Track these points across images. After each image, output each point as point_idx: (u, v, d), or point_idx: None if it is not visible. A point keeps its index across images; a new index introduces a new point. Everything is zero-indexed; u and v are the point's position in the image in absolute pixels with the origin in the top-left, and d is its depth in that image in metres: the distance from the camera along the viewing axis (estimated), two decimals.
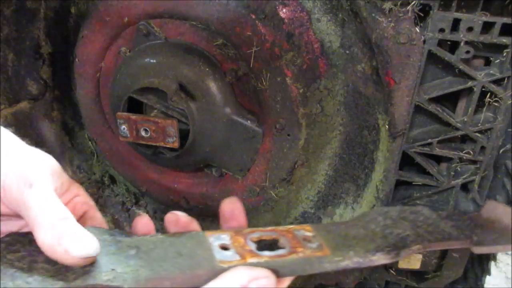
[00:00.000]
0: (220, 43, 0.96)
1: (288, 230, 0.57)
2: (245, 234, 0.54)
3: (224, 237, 0.54)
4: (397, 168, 0.91)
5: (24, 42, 1.11)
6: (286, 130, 1.00)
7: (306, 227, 0.58)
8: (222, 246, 0.52)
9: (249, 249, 0.52)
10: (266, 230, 0.56)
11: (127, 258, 0.50)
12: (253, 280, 0.46)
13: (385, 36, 0.78)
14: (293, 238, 0.55)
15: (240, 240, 0.53)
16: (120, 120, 0.97)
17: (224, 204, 0.60)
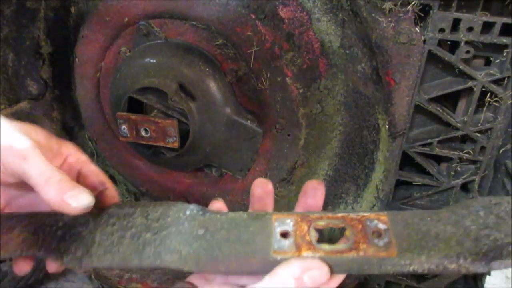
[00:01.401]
0: (220, 43, 0.96)
1: (360, 219, 0.51)
2: (311, 220, 0.51)
3: (288, 222, 0.51)
4: (397, 168, 0.91)
5: (24, 42, 1.11)
6: (286, 130, 1.00)
7: (382, 217, 0.51)
8: (283, 233, 0.50)
9: (308, 240, 0.49)
10: (336, 217, 0.51)
11: (194, 238, 0.52)
12: (306, 271, 0.46)
13: (385, 36, 0.78)
14: (361, 231, 0.49)
15: (303, 227, 0.50)
16: (120, 120, 0.97)
17: (255, 186, 0.58)
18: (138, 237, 0.54)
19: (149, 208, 0.57)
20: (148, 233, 0.54)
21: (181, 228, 0.53)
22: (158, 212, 0.56)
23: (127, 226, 0.55)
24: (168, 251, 0.52)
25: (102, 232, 0.55)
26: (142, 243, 0.53)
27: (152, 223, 0.55)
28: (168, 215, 0.55)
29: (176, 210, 0.55)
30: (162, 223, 0.54)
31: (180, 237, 0.52)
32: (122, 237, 0.54)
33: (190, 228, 0.53)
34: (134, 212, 0.57)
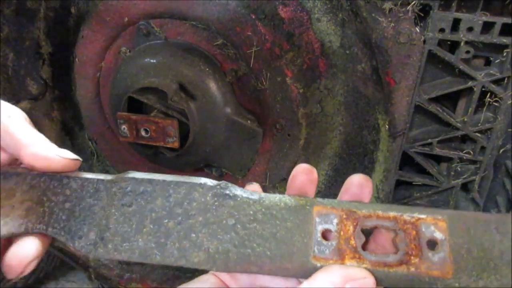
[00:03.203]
0: (220, 43, 0.96)
1: (415, 222, 0.43)
2: (358, 218, 0.44)
3: (332, 219, 0.44)
4: (397, 168, 0.91)
5: (24, 42, 1.11)
6: (286, 130, 1.00)
7: (440, 222, 0.43)
8: (324, 233, 0.44)
9: (353, 246, 0.43)
10: (387, 217, 0.44)
11: (223, 230, 0.45)
12: (349, 280, 0.41)
13: (385, 36, 0.78)
14: (414, 239, 0.42)
15: (349, 228, 0.43)
16: (120, 120, 0.97)
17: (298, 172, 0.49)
18: (159, 225, 0.47)
19: (171, 187, 0.48)
20: (171, 221, 0.47)
21: (208, 217, 0.46)
22: (181, 193, 0.48)
23: (146, 209, 0.48)
24: (194, 247, 0.45)
25: (118, 214, 0.48)
26: (164, 234, 0.46)
27: (174, 208, 0.47)
28: (193, 199, 0.47)
29: (201, 193, 0.47)
30: (186, 209, 0.47)
31: (207, 229, 0.46)
32: (142, 224, 0.47)
33: (218, 216, 0.46)
34: (154, 190, 0.48)
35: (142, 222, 0.47)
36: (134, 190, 0.49)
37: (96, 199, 0.49)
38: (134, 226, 0.47)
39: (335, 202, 0.45)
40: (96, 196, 0.49)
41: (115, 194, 0.49)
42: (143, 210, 0.48)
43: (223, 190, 0.47)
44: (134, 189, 0.49)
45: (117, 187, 0.49)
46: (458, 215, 0.43)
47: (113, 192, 0.49)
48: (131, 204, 0.48)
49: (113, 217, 0.48)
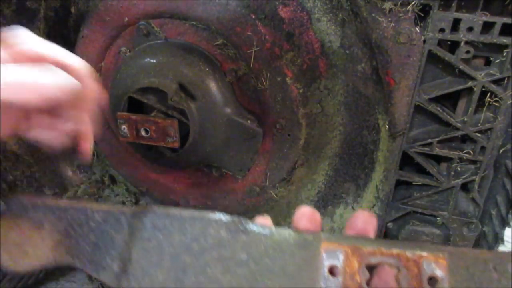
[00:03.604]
0: (220, 43, 0.96)
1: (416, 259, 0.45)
2: (363, 255, 0.45)
3: (338, 255, 0.45)
4: (397, 168, 0.91)
5: None
6: (286, 130, 1.00)
7: (441, 260, 0.45)
8: (331, 269, 0.45)
9: (358, 282, 0.44)
10: (390, 254, 0.45)
11: (236, 264, 0.47)
12: None
13: (385, 36, 0.78)
14: (416, 276, 0.44)
15: (354, 264, 0.45)
16: (120, 120, 0.97)
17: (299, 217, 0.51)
18: (177, 260, 0.49)
19: (187, 223, 0.50)
20: (188, 256, 0.49)
21: (222, 252, 0.48)
22: (197, 228, 0.50)
23: (165, 244, 0.50)
24: (210, 282, 0.47)
25: (138, 247, 0.50)
26: (182, 268, 0.49)
27: (191, 243, 0.49)
28: (209, 234, 0.49)
29: (216, 228, 0.49)
30: (202, 245, 0.49)
31: (221, 264, 0.48)
32: (161, 258, 0.49)
33: (231, 252, 0.48)
34: (172, 225, 0.51)
35: (161, 257, 0.49)
36: (153, 224, 0.51)
37: (118, 232, 0.51)
38: (153, 260, 0.49)
39: (341, 238, 0.47)
40: (118, 228, 0.52)
41: (136, 228, 0.51)
42: (162, 245, 0.50)
43: (236, 225, 0.49)
44: (153, 224, 0.51)
45: (137, 221, 0.51)
46: (457, 253, 0.45)
47: (134, 225, 0.51)
48: (151, 238, 0.50)
49: (134, 251, 0.50)
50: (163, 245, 0.50)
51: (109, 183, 1.34)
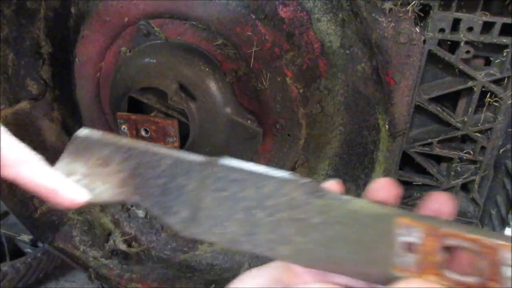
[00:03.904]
0: (220, 43, 0.96)
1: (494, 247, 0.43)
2: (442, 235, 0.43)
3: (415, 233, 0.43)
4: (397, 168, 0.91)
5: (24, 42, 1.11)
6: (286, 130, 1.00)
7: None
8: (406, 245, 0.43)
9: (435, 262, 0.42)
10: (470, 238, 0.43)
11: (308, 227, 0.46)
12: None
13: (385, 36, 0.78)
14: (493, 264, 0.42)
15: (432, 244, 0.43)
16: (120, 120, 0.97)
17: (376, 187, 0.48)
18: (250, 214, 0.47)
19: (262, 179, 0.48)
20: (261, 212, 0.47)
21: (296, 213, 0.47)
22: (272, 186, 0.48)
23: (238, 196, 0.48)
24: (282, 241, 0.46)
25: (210, 197, 0.49)
26: (254, 224, 0.47)
27: (265, 200, 0.48)
28: (283, 193, 0.48)
29: (291, 188, 0.48)
30: (276, 203, 0.47)
31: (294, 224, 0.46)
32: (232, 210, 0.48)
33: (305, 213, 0.46)
34: (245, 179, 0.49)
35: (233, 209, 0.48)
36: (226, 176, 0.49)
37: (188, 180, 0.50)
38: (225, 212, 0.48)
39: (418, 216, 0.45)
40: (189, 176, 0.50)
41: (207, 177, 0.50)
42: (234, 197, 0.48)
43: (312, 188, 0.47)
44: (226, 175, 0.50)
45: (210, 171, 0.50)
46: None
47: (205, 175, 0.50)
48: (223, 189, 0.49)
49: (205, 200, 0.49)
50: (236, 197, 0.48)
51: None
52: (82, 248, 1.26)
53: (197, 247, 1.27)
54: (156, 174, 0.50)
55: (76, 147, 0.53)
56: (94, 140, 0.53)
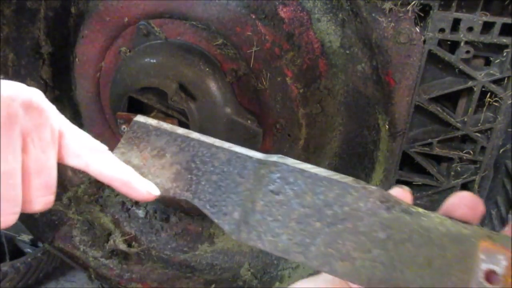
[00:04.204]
0: (220, 43, 0.96)
1: None
2: None
3: (499, 259, 0.37)
4: (397, 168, 0.91)
5: (24, 42, 1.11)
6: (286, 130, 1.00)
7: None
8: (489, 274, 0.38)
9: None
10: None
11: (372, 243, 0.40)
12: None
13: (385, 36, 0.78)
14: None
15: None
16: (120, 120, 0.97)
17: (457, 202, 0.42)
18: (306, 223, 0.43)
19: (323, 184, 0.43)
20: (318, 222, 0.43)
21: (358, 225, 0.42)
22: (333, 193, 0.43)
23: (294, 202, 0.44)
24: (340, 256, 0.41)
25: (264, 200, 0.45)
26: (311, 234, 0.43)
27: (324, 208, 0.43)
28: (345, 203, 0.42)
29: (356, 197, 0.42)
30: (336, 212, 0.42)
31: (356, 238, 0.41)
32: (288, 217, 0.44)
33: (369, 227, 0.41)
34: (304, 183, 0.44)
35: (289, 215, 0.44)
36: (283, 177, 0.45)
37: (243, 177, 0.46)
38: (279, 218, 0.44)
39: (504, 238, 0.39)
40: (243, 174, 0.47)
41: (263, 177, 0.45)
42: (290, 202, 0.44)
43: (379, 197, 0.42)
44: (283, 177, 0.45)
45: (265, 170, 0.46)
46: None
47: (261, 174, 0.46)
48: (279, 192, 0.45)
49: (259, 202, 0.45)
50: (291, 202, 0.44)
51: None
52: (82, 248, 1.26)
53: (197, 247, 1.27)
54: (210, 170, 0.48)
55: (132, 135, 0.52)
56: (150, 128, 0.51)
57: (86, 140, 0.46)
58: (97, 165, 0.46)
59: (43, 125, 0.42)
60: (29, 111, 0.40)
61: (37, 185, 0.42)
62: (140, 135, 0.51)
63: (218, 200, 0.47)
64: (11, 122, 0.38)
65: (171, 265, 1.27)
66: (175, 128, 0.51)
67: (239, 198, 0.46)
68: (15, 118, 0.39)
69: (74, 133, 0.46)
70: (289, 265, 1.15)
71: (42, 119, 0.42)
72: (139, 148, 0.51)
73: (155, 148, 0.50)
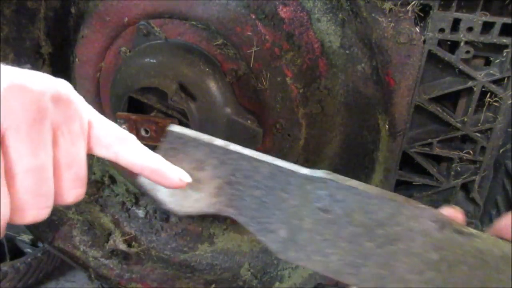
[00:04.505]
0: (220, 43, 0.96)
1: None
2: None
3: None
4: (397, 168, 0.91)
5: (24, 42, 1.11)
6: (286, 130, 1.00)
7: None
8: None
9: None
10: None
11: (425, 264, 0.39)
12: None
13: (385, 36, 0.78)
14: None
15: None
16: (120, 120, 0.97)
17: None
18: (357, 243, 0.41)
19: (374, 202, 0.42)
20: (370, 242, 0.41)
21: (411, 246, 0.40)
22: (385, 212, 0.41)
23: (343, 221, 0.42)
24: (394, 278, 0.40)
25: (312, 218, 0.43)
26: (362, 255, 0.41)
27: (375, 228, 0.41)
28: (397, 222, 0.41)
29: (407, 217, 0.41)
30: (388, 232, 0.41)
31: (408, 259, 0.40)
32: (337, 236, 0.42)
33: (421, 247, 0.40)
34: (354, 201, 0.42)
35: (338, 235, 0.42)
36: (331, 195, 0.43)
37: (287, 193, 0.44)
38: (329, 237, 0.42)
39: None
40: (287, 190, 0.44)
41: (309, 193, 0.43)
42: (340, 221, 0.42)
43: (431, 217, 0.41)
44: (331, 194, 0.43)
45: (311, 186, 0.44)
46: None
47: (307, 190, 0.44)
48: (328, 210, 0.43)
49: (306, 220, 0.43)
50: (341, 220, 0.42)
51: (109, 183, 1.34)
52: (82, 248, 1.25)
53: (197, 247, 1.27)
54: (253, 184, 0.45)
55: (169, 146, 0.49)
56: (187, 139, 0.49)
57: (114, 130, 0.45)
58: (127, 154, 0.45)
59: (72, 117, 0.41)
60: (59, 104, 0.39)
61: (68, 178, 0.41)
62: (177, 146, 0.49)
63: (263, 217, 0.45)
64: (42, 117, 0.37)
65: (171, 265, 1.27)
66: (213, 139, 0.48)
67: (285, 215, 0.44)
68: (45, 112, 0.37)
69: (103, 123, 0.45)
70: (289, 265, 1.15)
71: (71, 111, 0.41)
72: (177, 159, 0.48)
73: (194, 161, 0.47)
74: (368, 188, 0.42)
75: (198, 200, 0.46)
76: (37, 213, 0.39)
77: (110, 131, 0.45)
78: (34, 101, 0.37)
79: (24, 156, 0.36)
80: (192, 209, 0.46)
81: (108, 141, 0.44)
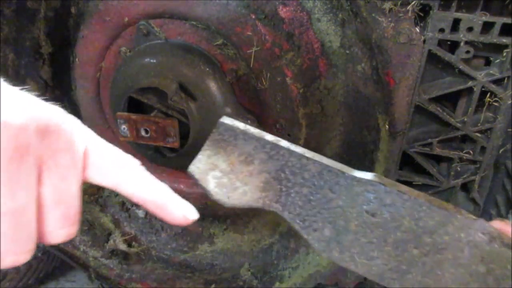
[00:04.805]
0: (220, 43, 0.96)
1: None
2: None
3: None
4: (397, 168, 0.91)
5: (24, 42, 1.11)
6: (286, 130, 1.00)
7: None
8: None
9: None
10: None
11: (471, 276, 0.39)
12: None
13: (385, 36, 0.78)
14: None
15: None
16: (120, 120, 0.97)
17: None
18: (403, 249, 0.41)
19: (423, 209, 0.41)
20: (416, 249, 0.41)
21: (459, 257, 0.40)
22: (434, 220, 0.41)
23: (391, 225, 0.42)
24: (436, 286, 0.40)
25: (359, 219, 0.43)
26: (407, 261, 0.41)
27: (423, 235, 0.41)
28: (446, 232, 0.41)
29: (457, 227, 0.41)
30: (436, 241, 0.41)
31: (455, 271, 0.40)
32: (383, 240, 0.42)
33: (469, 259, 0.40)
34: (402, 206, 0.42)
35: (384, 239, 0.42)
36: (379, 198, 0.43)
37: (334, 193, 0.44)
38: (375, 240, 0.42)
39: None
40: (335, 190, 0.44)
41: (357, 195, 0.44)
42: (387, 226, 0.42)
43: (480, 229, 0.40)
44: (379, 198, 0.43)
45: (360, 188, 0.44)
46: None
47: (354, 192, 0.44)
48: (375, 214, 0.43)
49: (353, 222, 0.43)
50: (388, 225, 0.42)
51: None
52: (82, 248, 1.25)
53: (197, 247, 1.27)
54: (300, 181, 0.45)
55: (219, 137, 0.49)
56: (237, 132, 0.48)
57: (116, 157, 0.43)
58: (128, 184, 0.42)
59: (62, 149, 0.37)
60: (46, 137, 0.36)
61: (56, 217, 0.38)
62: (227, 138, 0.49)
63: (308, 215, 0.45)
64: (21, 154, 0.34)
65: (171, 265, 1.27)
66: (263, 134, 0.48)
67: (331, 214, 0.44)
68: (25, 148, 0.34)
69: (102, 150, 0.42)
70: (289, 265, 1.15)
71: (61, 143, 0.37)
72: (226, 152, 0.48)
73: (242, 153, 0.47)
74: (417, 193, 0.43)
75: (245, 193, 0.46)
76: (16, 259, 0.36)
77: (110, 159, 0.42)
78: (12, 138, 0.33)
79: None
80: (238, 201, 0.47)
81: (107, 169, 0.42)
